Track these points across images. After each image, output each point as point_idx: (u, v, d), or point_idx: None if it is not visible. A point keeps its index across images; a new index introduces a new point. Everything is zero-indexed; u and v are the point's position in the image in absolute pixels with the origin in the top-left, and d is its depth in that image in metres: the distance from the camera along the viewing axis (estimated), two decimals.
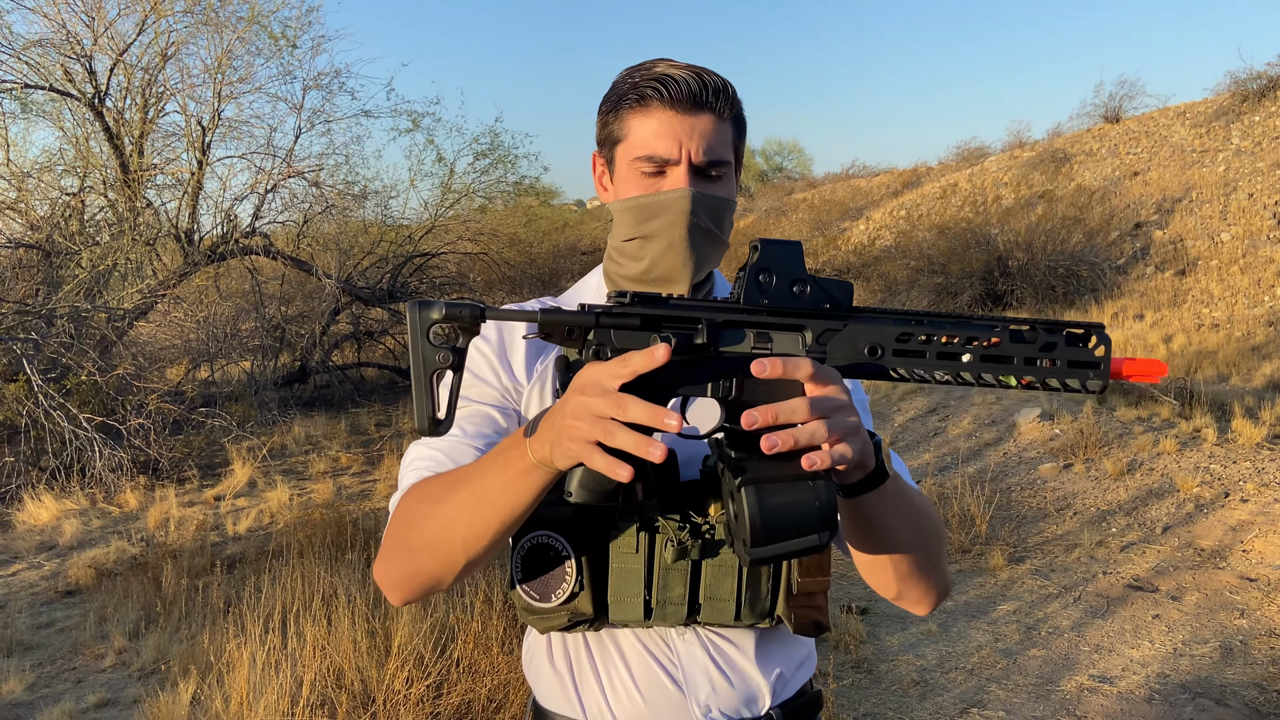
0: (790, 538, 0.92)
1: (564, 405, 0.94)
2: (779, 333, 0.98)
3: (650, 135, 1.20)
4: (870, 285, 18.71)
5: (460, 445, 1.23)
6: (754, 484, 0.92)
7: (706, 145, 1.21)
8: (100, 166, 11.06)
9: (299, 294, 12.80)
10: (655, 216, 1.22)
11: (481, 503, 1.05)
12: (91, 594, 5.85)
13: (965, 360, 0.98)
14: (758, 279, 0.98)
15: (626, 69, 1.27)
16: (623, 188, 1.25)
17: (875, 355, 0.98)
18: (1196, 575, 5.04)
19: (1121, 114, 22.51)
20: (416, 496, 1.16)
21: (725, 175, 1.25)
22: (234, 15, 11.14)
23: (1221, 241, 14.72)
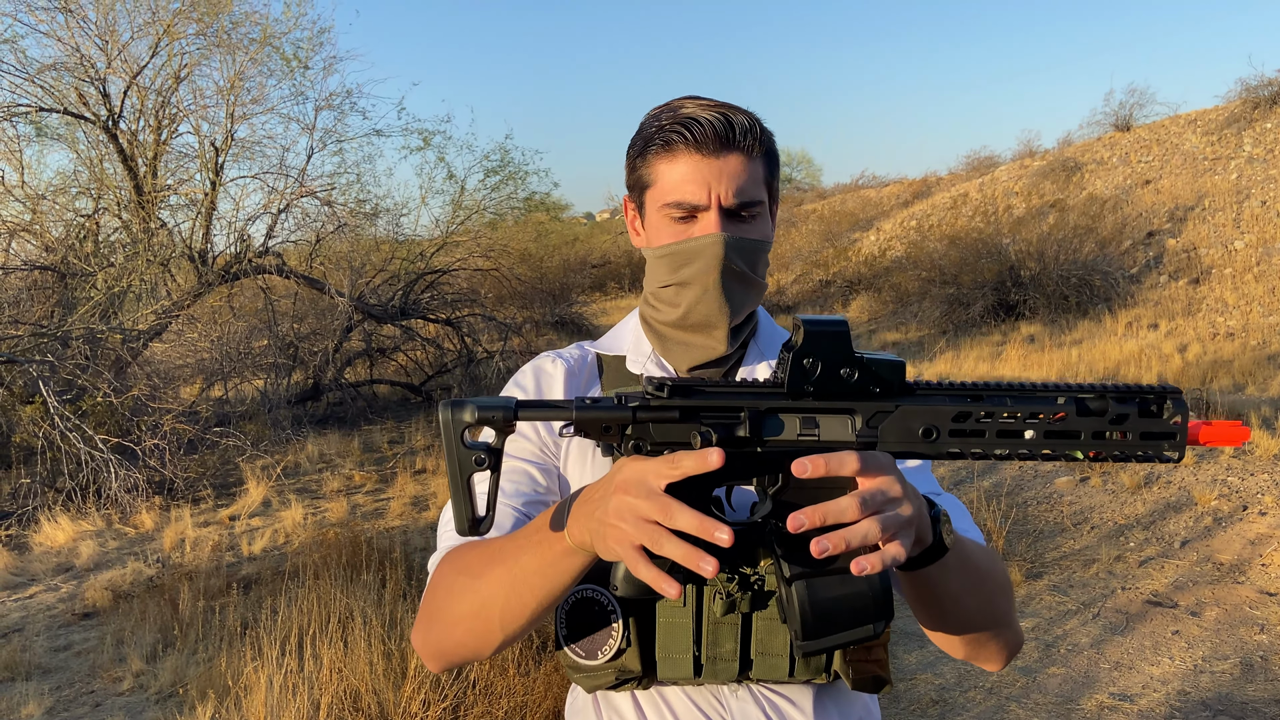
0: (843, 629, 0.90)
1: (605, 500, 0.90)
2: (826, 417, 0.93)
3: (678, 181, 1.18)
4: (881, 296, 18.68)
5: (500, 507, 1.19)
6: (804, 579, 0.90)
7: (736, 187, 1.18)
8: (114, 188, 11.16)
9: (312, 312, 12.86)
10: (688, 263, 1.20)
11: (519, 583, 1.02)
12: (108, 616, 5.87)
13: (1028, 437, 0.93)
14: (802, 364, 0.92)
15: (653, 110, 1.25)
16: (654, 234, 1.24)
17: (931, 437, 0.93)
18: (1216, 590, 5.00)
19: (1132, 122, 22.45)
20: (453, 567, 1.13)
21: (759, 215, 1.22)
22: (246, 37, 11.24)
23: (1235, 250, 14.65)
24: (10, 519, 7.80)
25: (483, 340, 13.78)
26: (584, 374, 1.33)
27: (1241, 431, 0.94)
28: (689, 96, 1.23)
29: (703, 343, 1.26)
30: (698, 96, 1.22)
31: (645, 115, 1.26)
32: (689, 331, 1.26)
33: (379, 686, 3.90)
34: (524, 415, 0.92)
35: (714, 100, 1.21)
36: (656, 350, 1.32)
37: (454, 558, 1.14)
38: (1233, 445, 0.96)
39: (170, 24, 10.64)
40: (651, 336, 1.32)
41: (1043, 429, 0.93)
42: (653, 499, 0.86)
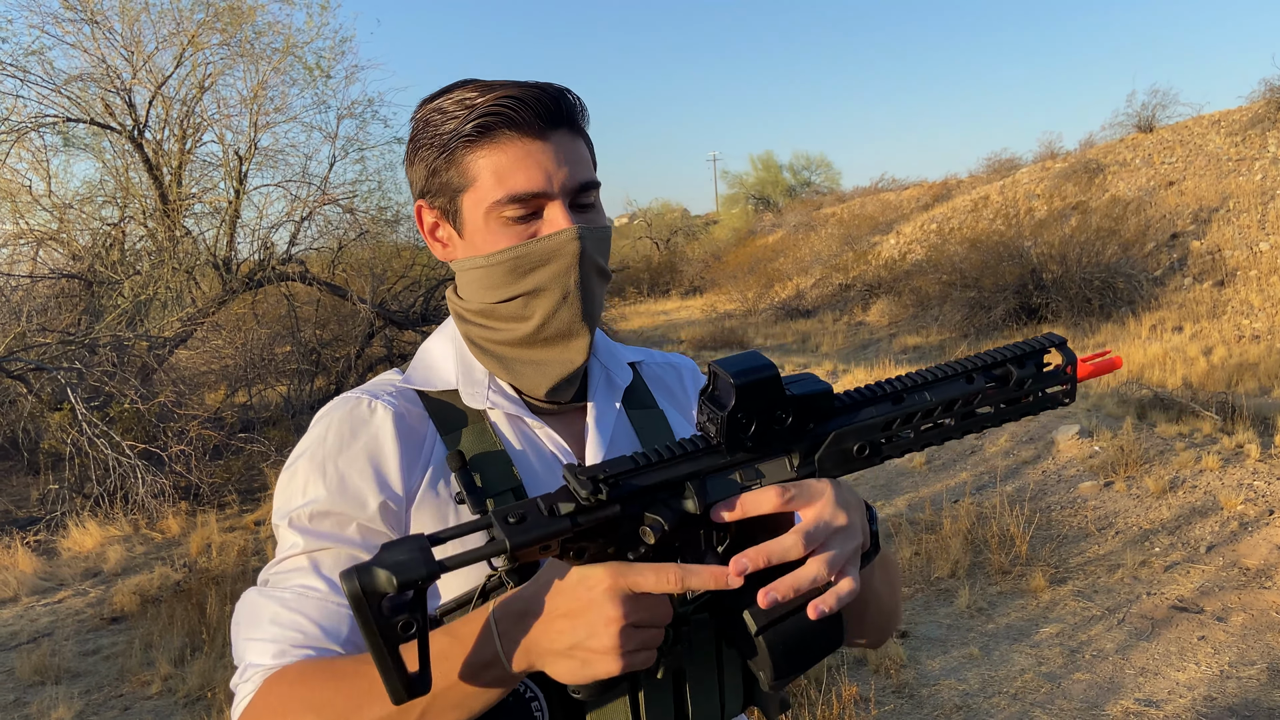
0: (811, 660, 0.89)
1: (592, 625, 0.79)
2: (766, 463, 0.89)
3: (508, 171, 1.02)
4: (902, 300, 18.62)
5: (332, 610, 0.96)
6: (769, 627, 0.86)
7: (574, 169, 1.04)
8: (140, 197, 11.30)
9: (333, 318, 12.96)
10: (540, 266, 1.04)
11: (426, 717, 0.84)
12: (136, 621, 5.93)
13: (948, 424, 0.96)
14: (738, 420, 0.85)
15: (430, 104, 1.06)
16: (483, 240, 1.05)
17: (864, 453, 0.91)
18: (1242, 595, 4.96)
19: (1155, 123, 22.28)
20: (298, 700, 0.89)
21: (596, 199, 1.09)
22: (269, 47, 11.37)
23: (1260, 251, 14.52)
24: (39, 524, 7.90)
25: None
26: (413, 419, 1.08)
27: (1113, 360, 1.01)
28: (466, 80, 1.06)
29: (560, 357, 1.10)
30: (474, 80, 1.06)
31: (419, 114, 1.08)
32: (542, 347, 1.10)
33: None
34: (451, 565, 0.75)
35: (503, 80, 1.05)
36: (498, 375, 1.13)
37: (293, 683, 0.90)
38: (1110, 370, 1.02)
39: (195, 34, 10.77)
40: (486, 359, 1.13)
41: (961, 413, 0.96)
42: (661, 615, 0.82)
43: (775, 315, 20.67)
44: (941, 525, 6.16)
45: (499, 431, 1.10)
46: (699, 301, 25.20)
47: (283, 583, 0.98)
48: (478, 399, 1.10)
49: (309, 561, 0.98)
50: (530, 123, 1.01)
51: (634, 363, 1.26)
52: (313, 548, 0.99)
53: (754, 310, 21.67)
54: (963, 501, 6.60)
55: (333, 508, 1.00)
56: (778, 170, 42.29)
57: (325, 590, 0.97)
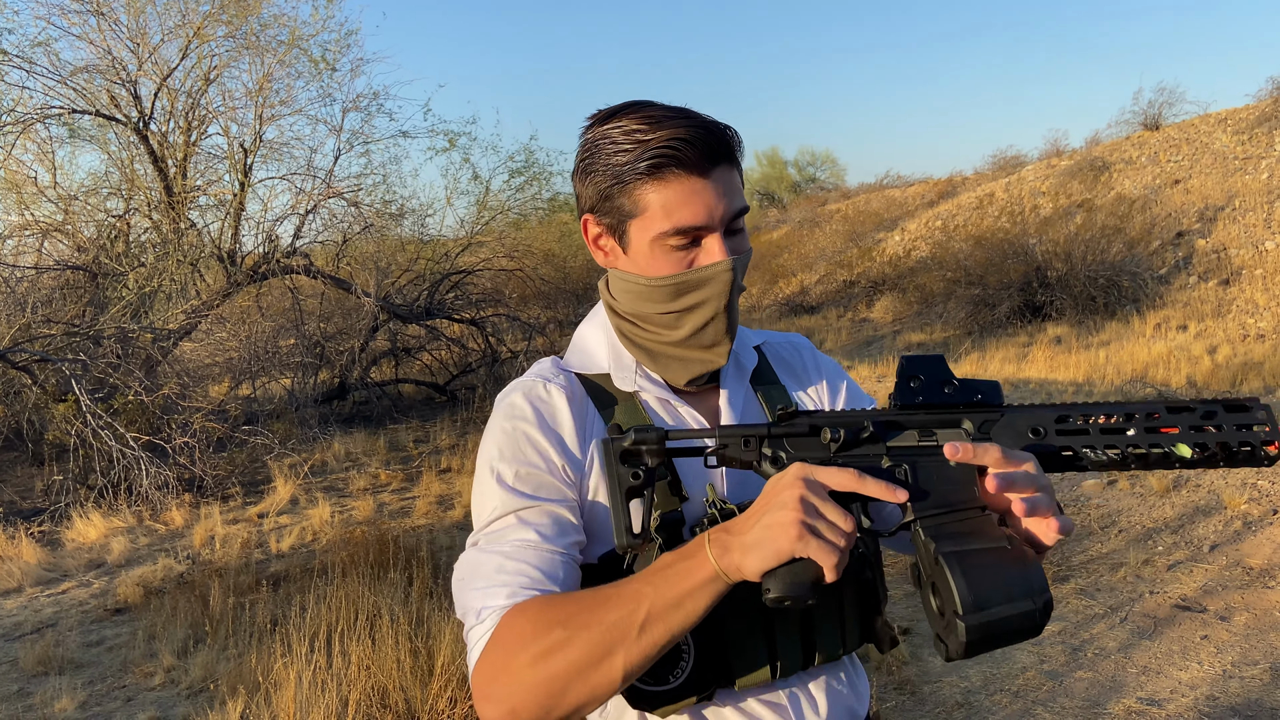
0: (1000, 603, 0.88)
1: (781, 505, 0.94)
2: (940, 429, 1.02)
3: (675, 207, 1.14)
4: (906, 297, 18.59)
5: (550, 557, 1.11)
6: (955, 554, 0.91)
7: (730, 201, 1.16)
8: (145, 189, 11.30)
9: (338, 311, 12.97)
10: (695, 290, 1.18)
11: (651, 620, 0.98)
12: (140, 612, 5.95)
13: (1131, 434, 0.99)
14: (909, 384, 1.03)
15: (600, 128, 1.18)
16: (646, 263, 1.19)
17: (1039, 435, 1.00)
18: (1245, 595, 4.95)
19: (1161, 121, 22.22)
20: (545, 620, 1.02)
21: (743, 222, 1.22)
22: (275, 39, 11.35)
23: (1266, 250, 14.48)
24: (43, 515, 7.92)
25: (507, 340, 13.85)
26: (579, 399, 1.25)
27: None
28: (630, 108, 1.18)
29: (704, 358, 1.25)
30: (641, 107, 1.17)
31: (589, 135, 1.20)
32: (690, 350, 1.24)
33: (406, 684, 3.95)
34: (673, 436, 1.04)
35: (667, 108, 1.17)
36: (645, 365, 1.28)
37: (537, 610, 1.04)
38: None
39: (200, 26, 10.76)
40: (636, 351, 1.28)
41: (1143, 425, 0.99)
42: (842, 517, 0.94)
43: (780, 311, 20.65)
44: None
45: (649, 409, 1.26)
46: None
47: (498, 540, 1.12)
48: (627, 382, 1.27)
49: (517, 519, 1.13)
50: (697, 162, 1.13)
51: (758, 345, 1.42)
52: (518, 506, 1.13)
53: (758, 306, 21.66)
54: None
55: (529, 470, 1.16)
56: (783, 166, 42.24)
57: (538, 540, 1.11)
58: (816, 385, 1.41)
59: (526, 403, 1.21)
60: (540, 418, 1.20)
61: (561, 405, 1.21)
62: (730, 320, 1.21)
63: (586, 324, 1.35)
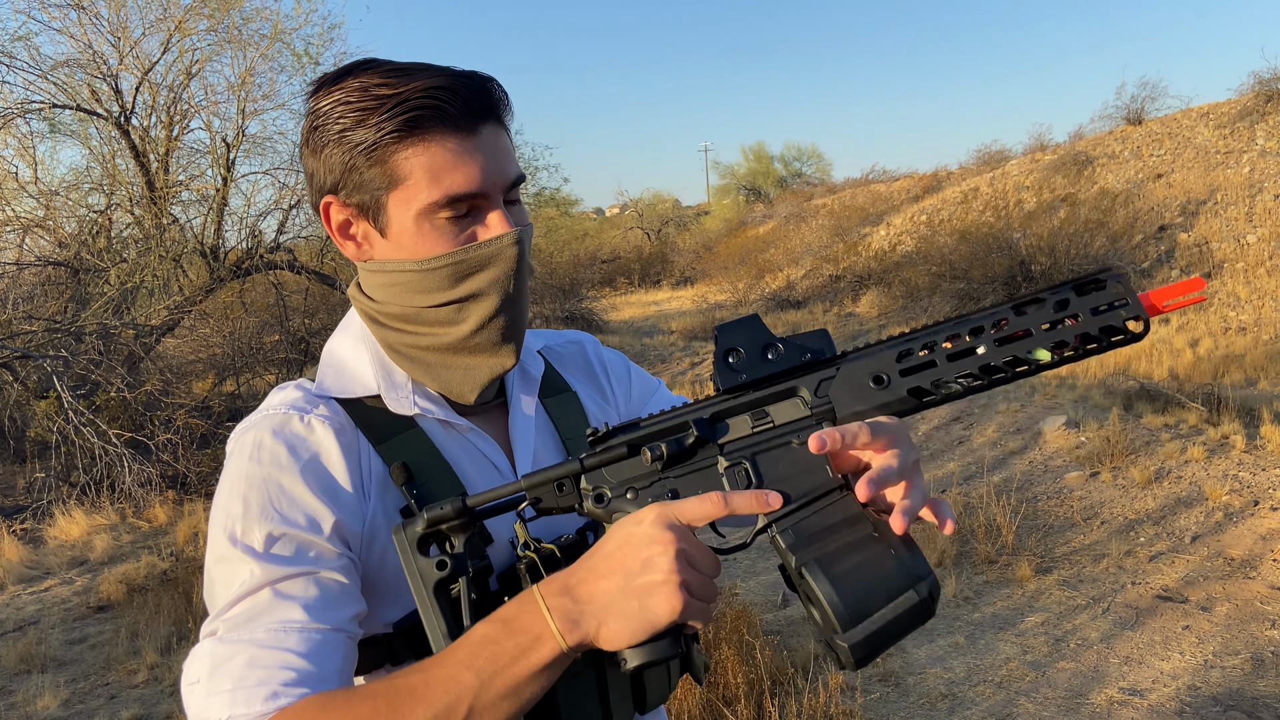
0: (880, 606, 0.80)
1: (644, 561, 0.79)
2: (774, 405, 0.90)
3: (443, 172, 0.94)
4: (891, 292, 18.65)
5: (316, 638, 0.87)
6: (820, 562, 0.82)
7: (504, 165, 0.99)
8: (127, 184, 11.23)
9: (323, 307, 12.92)
10: (479, 272, 0.99)
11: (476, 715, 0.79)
12: (123, 609, 5.92)
13: (982, 353, 0.88)
14: (727, 361, 0.89)
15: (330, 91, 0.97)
16: (413, 243, 0.98)
17: (882, 384, 0.88)
18: (1226, 585, 4.99)
19: (1144, 115, 22.35)
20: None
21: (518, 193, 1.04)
22: (257, 33, 11.29)
23: (1247, 243, 14.59)
24: (25, 513, 7.87)
25: None
26: (349, 433, 1.01)
27: (1196, 282, 0.87)
28: (364, 65, 0.97)
29: (489, 361, 1.05)
30: (377, 63, 0.97)
31: (319, 100, 0.98)
32: (471, 353, 1.04)
33: None
34: (473, 501, 0.88)
35: (409, 63, 0.97)
36: (420, 380, 1.06)
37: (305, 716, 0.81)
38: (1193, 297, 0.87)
39: (182, 20, 10.70)
40: (405, 364, 1.06)
41: (992, 339, 0.88)
42: (711, 563, 0.82)
43: (766, 306, 20.67)
44: None
45: (433, 437, 1.05)
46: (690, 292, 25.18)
47: (248, 625, 0.86)
48: (404, 405, 1.04)
49: (273, 594, 0.88)
50: (464, 117, 0.95)
51: (540, 349, 1.25)
52: (274, 577, 0.88)
53: (745, 301, 21.67)
54: (950, 491, 6.63)
55: (288, 531, 0.91)
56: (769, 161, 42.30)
57: (305, 619, 0.86)
58: (606, 384, 1.28)
59: (279, 443, 0.96)
60: (299, 461, 0.95)
61: (328, 442, 0.97)
62: (520, 310, 1.03)
63: (337, 338, 1.11)
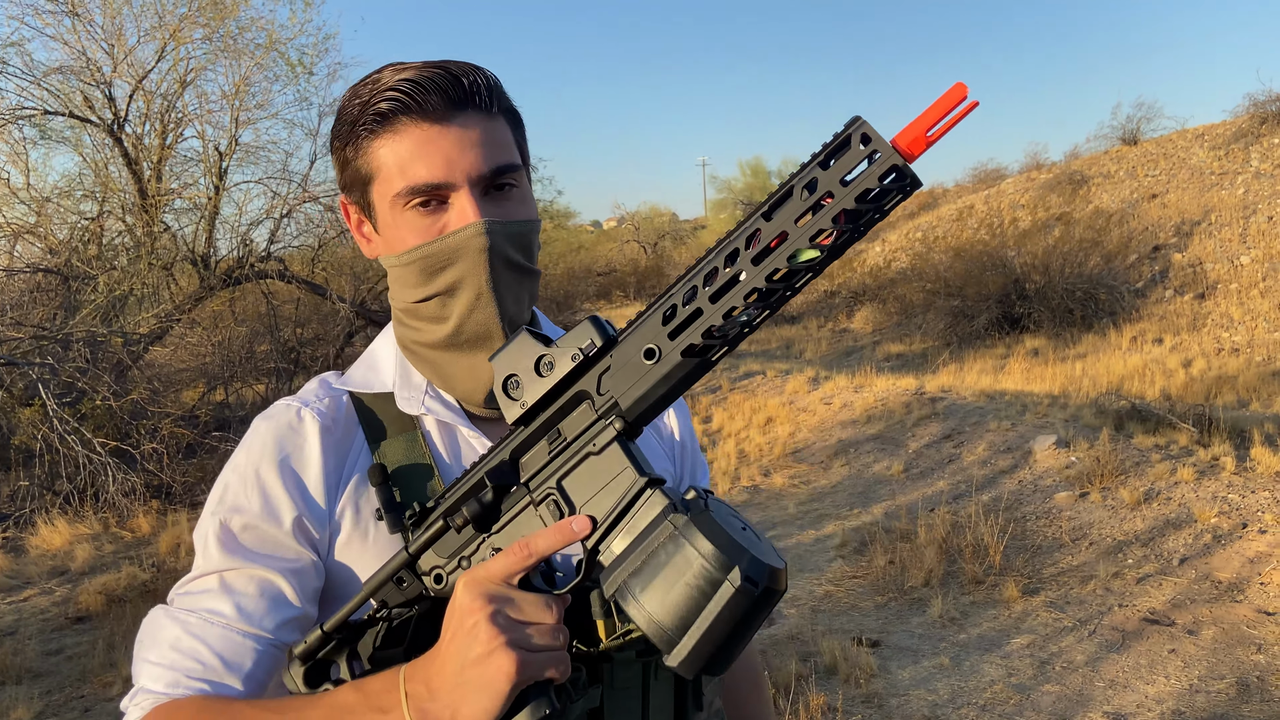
0: (695, 611, 0.73)
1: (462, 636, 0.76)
2: (565, 420, 0.86)
3: (408, 161, 0.95)
4: (886, 308, 18.65)
5: (235, 639, 0.92)
6: (617, 586, 0.76)
7: (484, 153, 0.96)
8: (119, 191, 11.19)
9: (314, 317, 12.88)
10: (449, 264, 0.97)
11: None
12: (101, 620, 5.85)
13: (745, 279, 0.77)
14: (506, 391, 0.85)
15: (352, 88, 1.01)
16: (394, 237, 0.99)
17: (654, 357, 0.80)
18: (1214, 609, 4.95)
19: (1139, 136, 22.43)
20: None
21: (518, 184, 1.01)
22: (252, 42, 11.28)
23: (1241, 265, 14.60)
24: (8, 521, 7.80)
25: None
26: (341, 429, 1.03)
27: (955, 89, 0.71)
28: (387, 65, 1.00)
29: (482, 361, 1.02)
30: (395, 63, 0.99)
31: (344, 96, 1.02)
32: (465, 349, 1.02)
33: None
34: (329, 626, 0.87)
35: (422, 61, 0.99)
36: (433, 382, 1.06)
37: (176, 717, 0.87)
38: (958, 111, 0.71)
39: (176, 29, 10.69)
40: (418, 363, 1.07)
41: (749, 258, 0.76)
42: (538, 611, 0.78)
43: None
44: (917, 534, 6.14)
45: (430, 440, 1.04)
46: None
47: (190, 604, 0.94)
48: (413, 404, 1.04)
49: (219, 582, 0.94)
50: (431, 107, 0.95)
51: None
52: (225, 566, 0.95)
53: None
54: (939, 510, 6.58)
55: (252, 521, 0.96)
56: (766, 176, 42.34)
57: (231, 616, 0.92)
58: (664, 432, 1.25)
59: (269, 435, 1.00)
60: (281, 455, 0.98)
61: (311, 439, 0.99)
62: (502, 305, 0.99)
63: (380, 338, 1.13)
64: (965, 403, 9.71)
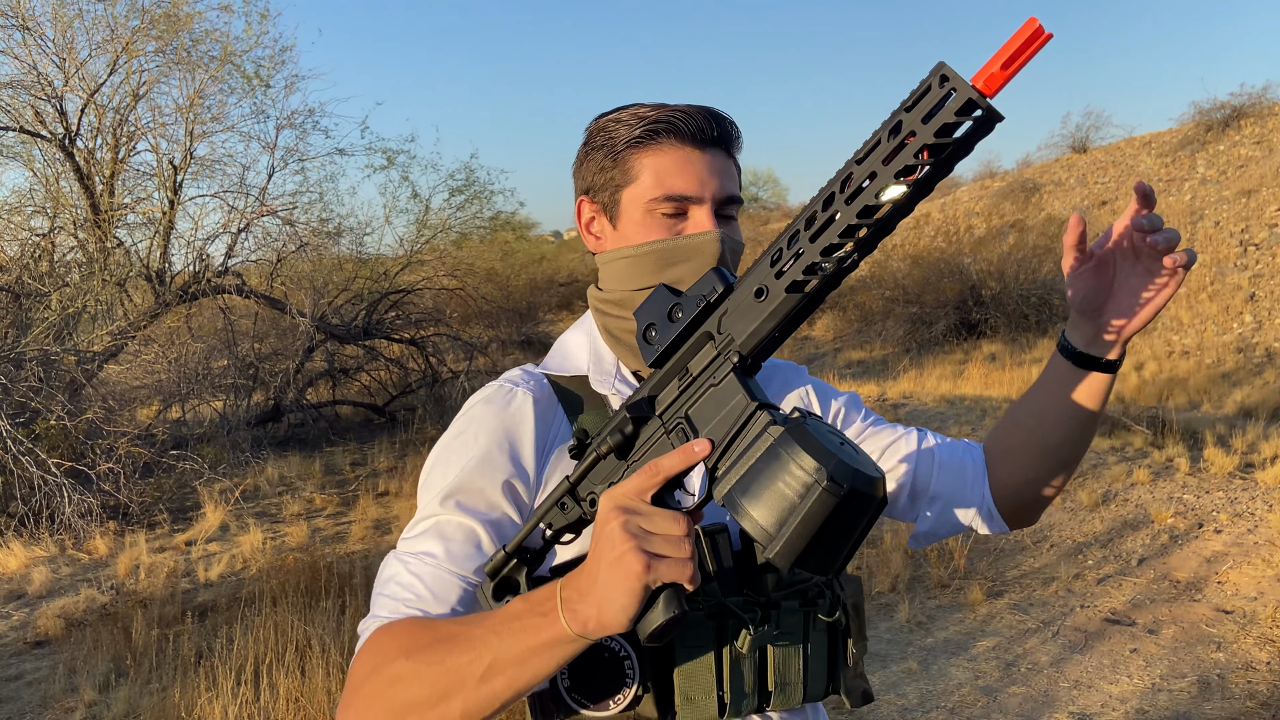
0: (789, 510, 0.82)
1: (602, 549, 0.88)
2: (693, 359, 0.97)
3: (667, 173, 1.14)
4: (846, 315, 18.83)
5: (442, 577, 1.07)
6: (725, 493, 0.86)
7: (724, 182, 1.16)
8: (71, 206, 10.99)
9: (273, 332, 12.72)
10: (681, 261, 1.14)
11: (490, 673, 0.93)
12: (61, 645, 5.73)
13: (839, 218, 0.84)
14: (646, 339, 0.99)
15: (608, 116, 1.20)
16: (634, 232, 1.17)
17: (762, 295, 0.90)
18: (1173, 608, 5.06)
19: (1089, 144, 22.88)
20: (396, 646, 0.99)
21: (735, 216, 1.20)
22: (206, 55, 11.14)
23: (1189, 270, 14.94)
24: None
25: (448, 360, 13.70)
26: (545, 404, 1.19)
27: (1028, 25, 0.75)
28: (638, 103, 1.20)
29: None
30: (650, 102, 1.20)
31: (594, 124, 1.21)
32: None
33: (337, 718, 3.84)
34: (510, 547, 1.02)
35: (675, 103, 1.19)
36: (626, 363, 1.22)
37: (395, 635, 1.01)
38: (1032, 44, 0.75)
39: (129, 41, 10.53)
40: (617, 348, 1.22)
41: (844, 201, 0.84)
42: (666, 524, 0.88)
43: None
44: (883, 539, 6.20)
45: None
46: None
47: (410, 546, 1.10)
48: (604, 385, 1.20)
49: (435, 528, 1.09)
50: (692, 135, 1.14)
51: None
52: (441, 514, 1.10)
53: None
54: None
55: (467, 482, 1.10)
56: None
57: (442, 557, 1.07)
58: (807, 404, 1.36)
59: (487, 408, 1.17)
60: (497, 423, 1.14)
61: (525, 412, 1.16)
62: None
63: (570, 331, 1.30)
64: (927, 408, 9.83)
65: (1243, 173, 17.10)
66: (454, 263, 15.46)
